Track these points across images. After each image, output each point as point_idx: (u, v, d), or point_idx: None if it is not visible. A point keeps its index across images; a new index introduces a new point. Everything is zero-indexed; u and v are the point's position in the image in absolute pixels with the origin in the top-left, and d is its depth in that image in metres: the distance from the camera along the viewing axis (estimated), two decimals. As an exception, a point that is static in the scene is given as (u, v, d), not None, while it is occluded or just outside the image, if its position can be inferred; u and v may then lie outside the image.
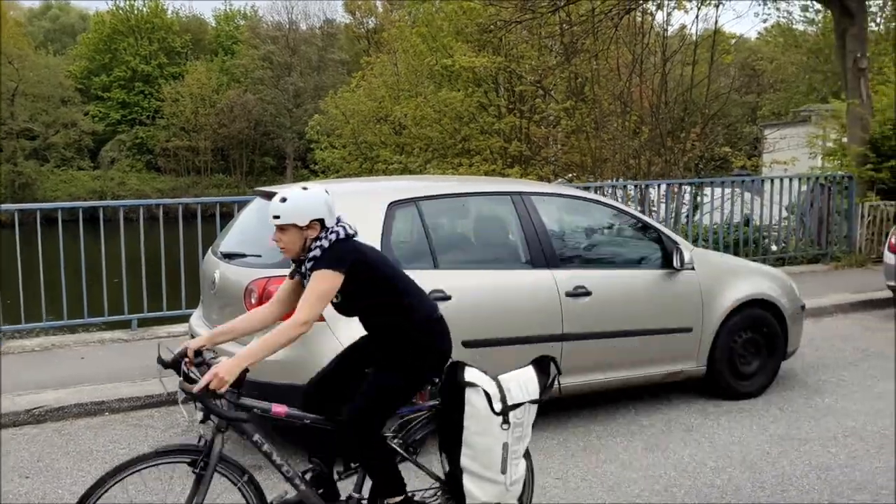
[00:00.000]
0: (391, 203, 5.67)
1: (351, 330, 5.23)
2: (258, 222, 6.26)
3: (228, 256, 5.83)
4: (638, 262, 6.64)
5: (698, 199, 14.18)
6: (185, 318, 8.44)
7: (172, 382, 3.51)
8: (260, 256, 5.65)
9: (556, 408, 6.38)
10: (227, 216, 8.34)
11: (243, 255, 5.73)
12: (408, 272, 5.50)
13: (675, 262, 6.46)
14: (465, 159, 24.93)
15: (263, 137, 70.22)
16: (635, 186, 13.28)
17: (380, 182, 7.91)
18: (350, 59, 69.69)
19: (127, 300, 8.07)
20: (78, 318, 7.95)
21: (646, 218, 6.96)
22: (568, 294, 6.00)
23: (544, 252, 6.02)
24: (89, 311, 7.96)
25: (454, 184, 6.79)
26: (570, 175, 21.46)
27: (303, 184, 4.08)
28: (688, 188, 13.69)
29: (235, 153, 68.96)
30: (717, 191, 14.34)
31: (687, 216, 13.70)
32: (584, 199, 6.80)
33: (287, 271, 5.28)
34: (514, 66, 24.50)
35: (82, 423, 6.01)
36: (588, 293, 6.07)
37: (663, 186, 13.02)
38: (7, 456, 5.43)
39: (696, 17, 43.78)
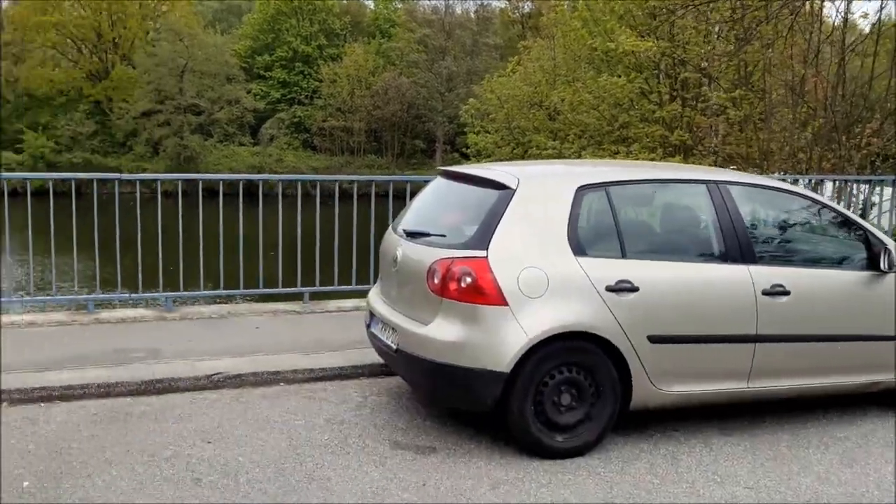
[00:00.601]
0: (580, 187, 5.42)
1: (533, 315, 5.08)
2: (441, 201, 6.15)
3: (411, 235, 5.74)
4: (840, 262, 6.13)
5: (873, 198, 13.21)
6: (353, 294, 8.52)
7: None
8: (444, 236, 5.53)
9: (739, 413, 6.00)
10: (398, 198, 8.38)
11: (427, 235, 5.63)
12: (593, 260, 5.30)
13: (883, 264, 5.92)
14: (623, 147, 24.32)
15: (415, 120, 71.10)
16: (809, 181, 12.49)
17: (568, 165, 7.67)
18: (503, 44, 69.59)
19: (300, 273, 8.16)
20: (252, 287, 8.10)
21: (851, 214, 6.44)
22: (765, 292, 5.59)
23: (740, 246, 5.63)
24: (264, 282, 8.12)
25: (645, 169, 6.48)
26: (733, 167, 20.57)
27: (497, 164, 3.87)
28: (865, 186, 12.75)
29: (388, 135, 70.17)
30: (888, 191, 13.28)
31: (861, 216, 12.78)
32: (785, 190, 6.34)
33: (471, 252, 5.17)
34: (678, 52, 23.66)
35: (258, 392, 6.07)
36: (786, 292, 5.64)
37: (832, 183, 12.20)
38: (189, 419, 5.54)
39: (881, 6, 40.88)
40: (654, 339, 5.33)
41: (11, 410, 5.50)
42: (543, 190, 5.50)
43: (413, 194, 7.86)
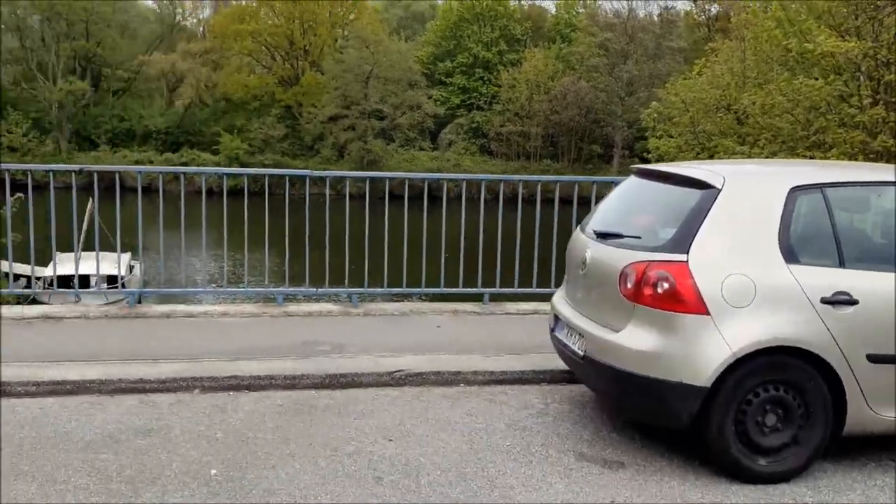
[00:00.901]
0: (793, 188, 4.96)
1: (737, 326, 4.68)
2: (635, 201, 5.83)
3: (602, 236, 5.44)
4: None
5: None
6: (533, 297, 8.30)
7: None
8: (639, 238, 5.21)
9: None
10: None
11: (619, 236, 5.31)
12: (806, 268, 4.83)
13: None
14: (819, 152, 22.89)
15: (593, 125, 70.24)
16: None
17: (779, 164, 7.15)
18: (688, 48, 67.59)
19: (481, 274, 8.04)
20: (434, 286, 8.05)
21: None
22: None
23: (979, 256, 4.98)
24: (445, 282, 8.04)
25: (864, 171, 5.88)
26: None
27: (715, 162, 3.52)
28: None
29: (564, 140, 69.72)
30: None
31: None
32: None
33: (669, 256, 4.82)
34: (882, 53, 22.02)
35: (439, 392, 5.96)
36: None
37: None
38: (371, 415, 5.49)
39: None
40: (874, 359, 4.80)
41: (202, 398, 5.64)
42: (752, 190, 5.07)
43: (599, 197, 7.56)
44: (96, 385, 5.62)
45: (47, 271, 26.79)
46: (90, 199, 28.12)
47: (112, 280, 28.18)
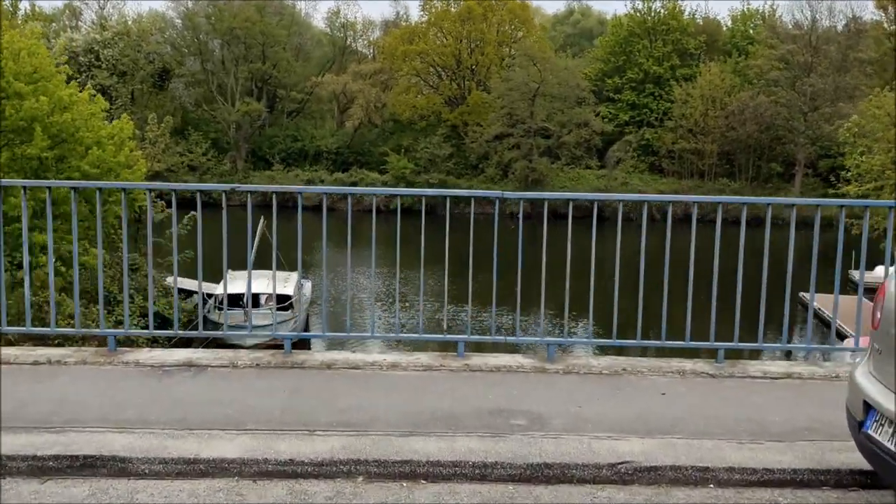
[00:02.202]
0: None
1: None
2: None
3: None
4: None
5: None
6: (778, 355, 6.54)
7: None
8: None
9: None
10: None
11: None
12: None
13: None
14: None
15: (773, 142, 66.19)
16: None
17: None
18: (876, 59, 62.58)
19: (714, 323, 6.31)
20: (652, 338, 6.38)
21: None
22: None
23: None
24: (668, 332, 6.36)
25: None
26: None
27: None
28: None
29: (741, 157, 66.00)
30: None
31: None
32: None
33: None
34: None
35: (681, 495, 4.37)
36: None
37: None
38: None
39: None
40: None
41: (367, 489, 4.30)
42: None
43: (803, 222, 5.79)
44: (236, 466, 4.39)
45: (219, 289, 27.00)
46: (262, 218, 28.20)
47: (282, 299, 28.20)
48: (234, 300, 25.27)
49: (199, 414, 4.98)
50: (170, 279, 29.52)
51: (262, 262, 27.66)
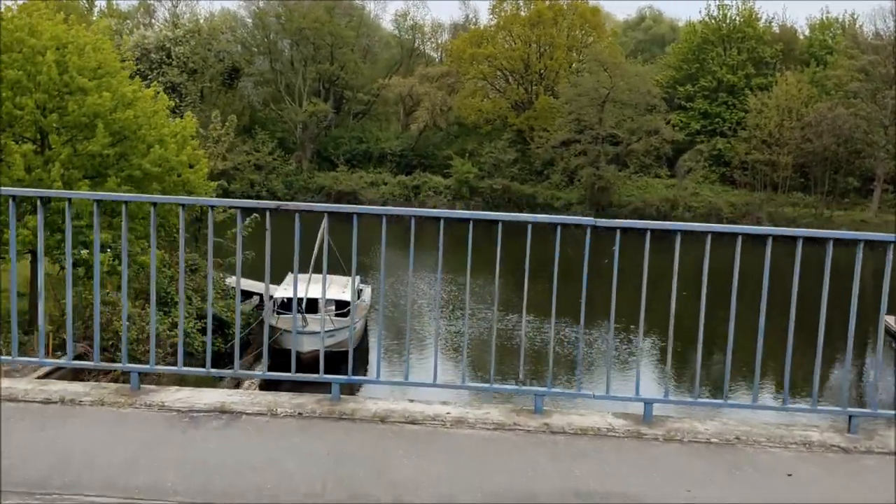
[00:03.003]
0: None
1: None
2: None
3: None
4: None
5: None
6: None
7: None
8: None
9: None
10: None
11: None
12: None
13: None
14: None
15: (851, 156, 63.71)
16: None
17: None
18: (965, 71, 59.82)
19: (846, 384, 5.23)
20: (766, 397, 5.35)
21: None
22: None
23: None
24: (767, 384, 5.33)
25: None
26: None
27: None
28: None
29: (817, 170, 63.62)
30: None
31: None
32: None
33: None
34: None
35: None
36: None
37: None
38: None
39: None
40: None
41: None
42: None
43: None
44: (264, 560, 3.52)
45: (279, 292, 26.51)
46: (324, 216, 27.63)
47: (341, 305, 27.56)
48: (291, 305, 24.77)
49: (225, 483, 4.12)
50: (230, 280, 29.19)
51: (319, 266, 26.94)
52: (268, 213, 5.25)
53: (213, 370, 5.40)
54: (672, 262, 5.06)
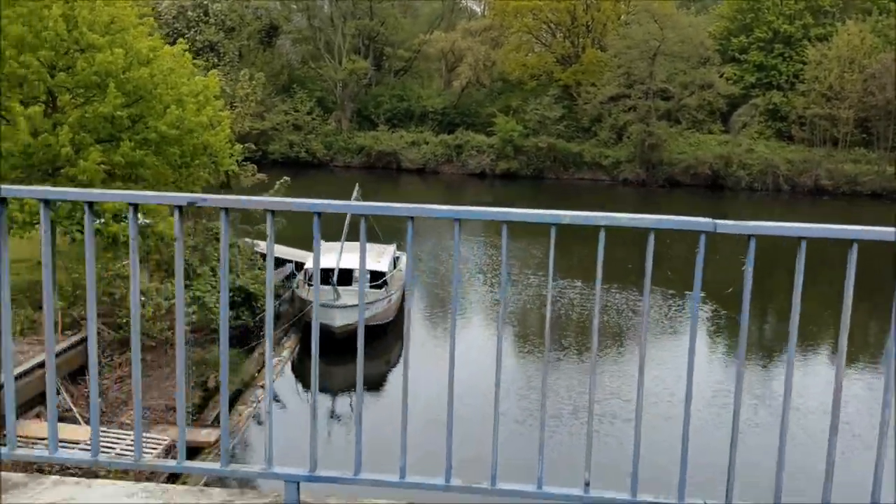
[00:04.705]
0: None
1: None
2: None
3: None
4: None
5: None
6: None
7: None
8: None
9: None
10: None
11: None
12: None
13: None
14: None
15: (918, 109, 60.49)
16: None
17: None
18: None
19: None
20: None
21: None
22: None
23: None
24: None
25: None
26: None
27: None
28: None
29: (880, 125, 60.46)
30: None
31: None
32: None
33: None
34: None
35: None
36: None
37: None
38: None
39: None
40: None
41: None
42: None
43: None
44: None
45: (309, 261, 25.21)
46: (356, 185, 26.12)
47: (376, 276, 26.20)
48: (324, 276, 23.41)
49: None
50: (261, 246, 27.99)
51: (355, 233, 25.50)
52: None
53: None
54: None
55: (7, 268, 2.81)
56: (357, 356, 3.19)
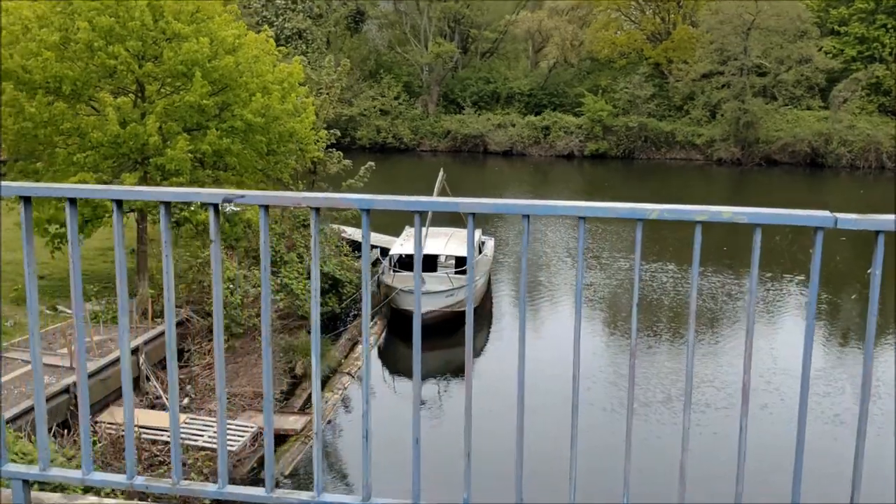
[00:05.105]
0: None
1: None
2: None
3: None
4: None
5: None
6: None
7: None
8: None
9: None
10: None
11: None
12: None
13: None
14: None
15: None
16: None
17: None
18: None
19: None
20: None
21: None
22: None
23: None
24: None
25: None
26: None
27: None
28: None
29: None
30: None
31: None
32: None
33: None
34: None
35: None
36: None
37: None
38: None
39: None
40: None
41: None
42: None
43: None
44: None
45: (395, 248, 25.09)
46: (441, 170, 25.84)
47: (461, 262, 25.91)
48: (410, 262, 23.28)
49: None
50: (347, 232, 28.02)
51: (440, 218, 25.19)
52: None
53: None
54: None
55: (34, 269, 2.58)
56: (412, 367, 2.81)
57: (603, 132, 59.52)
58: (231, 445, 13.59)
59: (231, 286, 17.67)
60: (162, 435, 14.21)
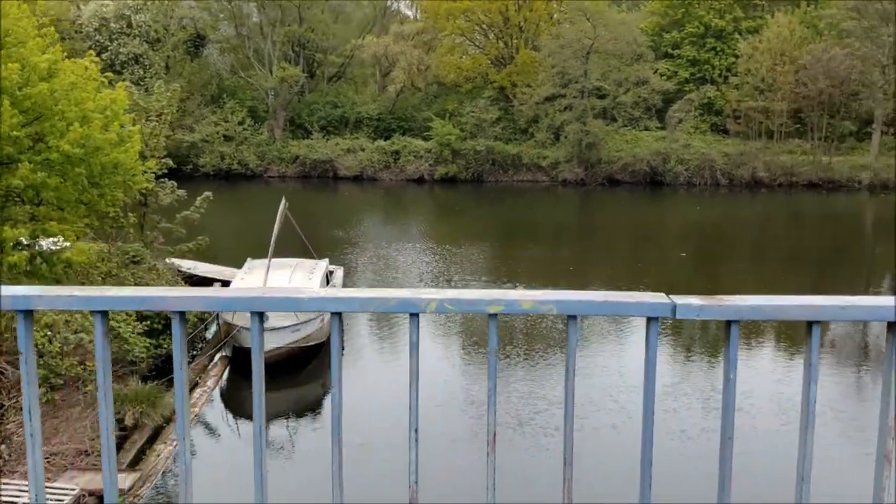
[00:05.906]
0: None
1: None
2: None
3: None
4: None
5: None
6: None
7: None
8: None
9: None
10: None
11: None
12: None
13: None
14: None
15: (848, 98, 61.03)
16: None
17: None
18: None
19: None
20: None
21: None
22: None
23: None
24: None
25: None
26: None
27: None
28: None
29: (814, 116, 60.93)
30: None
31: None
32: None
33: None
34: None
35: None
36: None
37: None
38: None
39: None
40: None
41: None
42: None
43: None
44: None
45: (235, 282, 23.89)
46: (283, 198, 24.85)
47: (305, 292, 24.77)
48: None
49: None
50: (186, 265, 26.59)
51: (285, 248, 23.99)
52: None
53: None
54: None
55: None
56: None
57: (452, 156, 59.81)
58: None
59: (49, 333, 16.14)
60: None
